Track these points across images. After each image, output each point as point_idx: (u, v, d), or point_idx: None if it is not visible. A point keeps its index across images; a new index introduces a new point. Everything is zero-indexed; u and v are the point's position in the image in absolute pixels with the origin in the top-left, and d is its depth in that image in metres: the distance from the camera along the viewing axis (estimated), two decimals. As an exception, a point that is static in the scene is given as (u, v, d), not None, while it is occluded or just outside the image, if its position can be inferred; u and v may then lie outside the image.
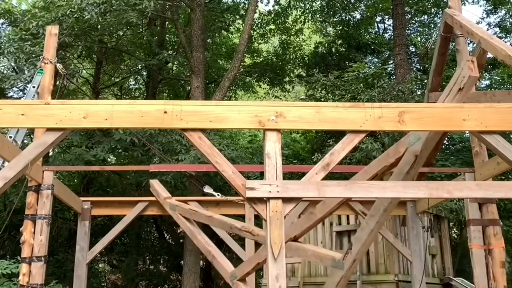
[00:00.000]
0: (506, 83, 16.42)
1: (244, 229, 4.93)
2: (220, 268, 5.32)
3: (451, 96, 4.17)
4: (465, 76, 4.03)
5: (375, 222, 4.68)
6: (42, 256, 5.67)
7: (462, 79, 4.08)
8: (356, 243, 4.80)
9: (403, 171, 4.39)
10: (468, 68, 4.01)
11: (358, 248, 4.75)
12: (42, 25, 11.64)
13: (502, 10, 18.62)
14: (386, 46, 18.93)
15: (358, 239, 4.81)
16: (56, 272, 13.11)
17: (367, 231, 4.73)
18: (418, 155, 4.31)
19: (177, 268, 17.88)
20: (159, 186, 6.73)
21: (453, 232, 16.40)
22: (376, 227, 4.72)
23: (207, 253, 5.57)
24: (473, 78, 4.01)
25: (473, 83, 4.20)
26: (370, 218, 4.75)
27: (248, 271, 4.90)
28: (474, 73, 3.99)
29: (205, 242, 5.63)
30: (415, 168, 4.41)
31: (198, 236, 5.73)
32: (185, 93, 18.75)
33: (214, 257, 5.44)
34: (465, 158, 12.04)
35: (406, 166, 4.37)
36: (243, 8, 18.62)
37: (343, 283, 4.87)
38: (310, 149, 17.08)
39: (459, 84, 4.10)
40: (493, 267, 5.71)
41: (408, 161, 4.36)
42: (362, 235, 4.79)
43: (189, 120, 3.91)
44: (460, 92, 4.10)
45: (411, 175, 4.43)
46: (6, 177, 3.82)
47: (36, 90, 6.04)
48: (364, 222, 4.86)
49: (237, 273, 4.99)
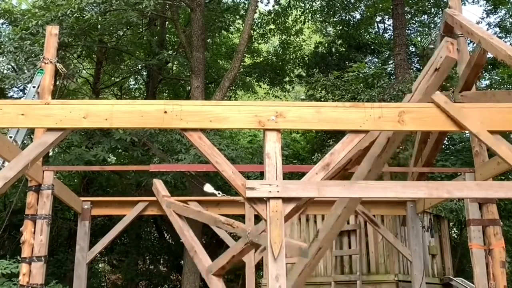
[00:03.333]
0: (506, 83, 16.41)
1: (226, 222, 5.13)
2: (199, 263, 5.42)
3: (427, 77, 4.10)
4: (443, 56, 3.96)
5: (342, 208, 4.60)
6: (42, 256, 5.67)
7: (439, 60, 4.00)
8: (323, 230, 4.71)
9: (374, 154, 4.32)
10: (446, 49, 3.93)
11: (324, 235, 4.65)
12: (42, 24, 11.64)
13: (502, 10, 18.63)
14: (386, 46, 18.93)
15: (326, 226, 4.72)
16: (56, 272, 13.11)
17: (334, 217, 4.64)
18: (391, 138, 4.25)
19: (177, 268, 17.88)
20: (161, 185, 6.76)
21: (453, 232, 16.39)
22: (344, 213, 4.63)
23: (191, 248, 5.67)
24: (451, 59, 3.92)
25: (450, 65, 4.06)
26: (338, 203, 4.66)
27: (224, 265, 4.93)
28: (452, 54, 3.91)
29: (190, 238, 5.76)
30: (387, 152, 4.33)
31: (186, 232, 5.86)
32: (185, 93, 18.75)
33: (195, 252, 5.53)
34: (465, 158, 12.04)
35: (378, 149, 4.30)
36: (243, 8, 18.62)
37: (307, 271, 4.76)
38: (310, 149, 17.07)
39: (436, 64, 4.01)
40: (493, 267, 5.71)
41: (380, 144, 4.29)
42: (329, 222, 4.69)
43: (189, 120, 3.91)
44: (436, 72, 4.02)
45: (383, 159, 4.35)
46: (6, 177, 3.82)
47: (36, 90, 6.03)
48: (332, 208, 4.75)
49: (213, 267, 5.03)
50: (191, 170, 10.84)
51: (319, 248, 4.64)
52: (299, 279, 4.74)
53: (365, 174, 4.40)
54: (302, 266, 4.73)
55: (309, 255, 4.48)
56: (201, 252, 5.51)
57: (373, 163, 4.34)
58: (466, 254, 7.71)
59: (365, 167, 4.43)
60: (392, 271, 8.77)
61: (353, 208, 4.84)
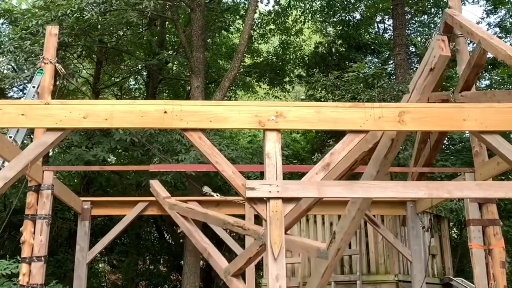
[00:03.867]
0: (506, 83, 16.40)
1: (236, 224, 5.05)
2: (215, 265, 5.38)
3: (422, 77, 4.10)
4: (436, 55, 3.94)
5: (356, 209, 4.61)
6: (42, 256, 5.67)
7: (433, 59, 3.99)
8: (339, 232, 4.73)
9: (380, 155, 4.33)
10: (438, 47, 3.91)
11: (341, 237, 4.67)
12: (42, 24, 11.64)
13: (502, 10, 18.63)
14: (386, 46, 18.93)
15: (341, 228, 4.74)
16: (56, 272, 13.11)
17: (349, 219, 4.66)
18: (394, 138, 4.26)
19: (177, 268, 17.88)
20: (158, 186, 6.75)
21: (453, 232, 16.39)
22: (358, 214, 4.64)
23: (203, 250, 5.63)
24: (444, 57, 3.90)
25: (444, 63, 4.05)
26: (351, 205, 4.68)
27: (241, 266, 4.90)
28: (444, 52, 3.88)
29: (201, 240, 5.70)
30: (393, 152, 4.34)
31: (195, 234, 5.81)
32: (185, 93, 18.75)
33: (209, 254, 5.49)
34: (465, 158, 12.04)
35: (384, 150, 4.31)
36: (243, 8, 18.62)
37: (328, 273, 4.79)
38: (310, 149, 17.08)
39: (430, 64, 4.01)
40: (493, 267, 5.71)
41: (385, 145, 4.30)
42: (344, 224, 4.71)
43: (189, 120, 3.91)
44: (432, 72, 4.01)
45: (389, 159, 4.36)
46: (6, 177, 3.82)
47: (36, 90, 6.03)
48: (346, 210, 4.77)
49: (231, 269, 5.01)
50: (191, 170, 10.84)
51: (338, 249, 4.68)
52: (322, 280, 4.79)
53: (374, 175, 4.45)
54: (324, 268, 4.77)
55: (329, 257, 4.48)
56: (215, 253, 5.46)
57: (380, 164, 4.36)
58: (466, 254, 7.71)
59: (373, 169, 4.47)
60: (392, 271, 8.78)
61: (365, 209, 4.88)
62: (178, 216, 6.04)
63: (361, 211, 4.68)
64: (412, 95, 4.21)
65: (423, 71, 4.09)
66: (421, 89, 4.12)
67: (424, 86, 4.11)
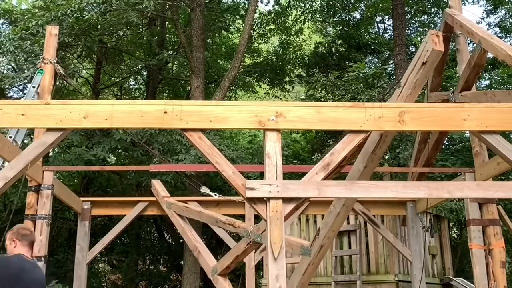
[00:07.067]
0: (506, 83, 16.41)
1: (227, 222, 5.10)
2: (204, 263, 5.39)
3: (414, 71, 4.06)
4: (429, 49, 3.91)
5: (341, 205, 4.57)
6: (42, 256, 5.67)
7: (425, 53, 3.95)
8: (323, 227, 4.67)
9: (369, 150, 4.29)
10: (432, 42, 3.88)
11: (325, 233, 4.61)
12: (42, 24, 11.64)
13: (502, 10, 18.63)
14: (386, 46, 18.92)
15: (325, 224, 4.68)
16: (56, 272, 13.10)
17: (333, 215, 4.61)
18: (383, 134, 4.23)
19: (177, 268, 17.88)
20: (159, 186, 6.75)
21: (453, 232, 16.40)
22: (343, 210, 4.59)
23: (194, 248, 5.65)
24: (437, 51, 3.88)
25: (438, 57, 4.00)
26: (337, 201, 4.64)
27: (228, 264, 4.90)
28: (438, 46, 3.85)
29: (193, 239, 5.73)
30: (381, 148, 4.30)
31: (188, 232, 5.84)
32: (185, 93, 18.75)
33: (199, 252, 5.51)
34: (465, 158, 12.04)
35: (372, 145, 4.27)
36: (243, 8, 18.62)
37: (310, 270, 4.73)
38: (310, 149, 17.09)
39: (423, 58, 3.97)
40: (493, 267, 5.72)
41: (373, 140, 4.26)
42: (329, 220, 4.65)
43: (189, 120, 3.91)
44: (424, 66, 3.98)
45: (378, 155, 4.32)
46: (6, 177, 3.81)
47: (36, 90, 6.03)
48: (331, 206, 4.71)
49: (218, 268, 5.01)
50: (191, 170, 10.84)
51: (321, 246, 4.62)
52: (303, 278, 4.74)
53: (361, 170, 4.37)
54: (306, 265, 4.71)
55: (311, 254, 4.46)
56: (205, 252, 5.49)
57: (367, 160, 4.32)
58: (466, 254, 7.72)
59: (360, 164, 4.41)
60: (392, 271, 8.77)
61: (351, 205, 4.82)
62: (174, 214, 6.07)
63: (346, 207, 4.62)
64: (404, 90, 4.15)
65: (415, 66, 4.05)
66: (413, 83, 4.08)
67: (416, 81, 4.06)
